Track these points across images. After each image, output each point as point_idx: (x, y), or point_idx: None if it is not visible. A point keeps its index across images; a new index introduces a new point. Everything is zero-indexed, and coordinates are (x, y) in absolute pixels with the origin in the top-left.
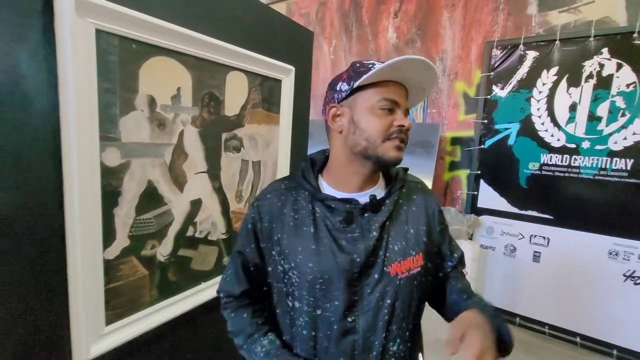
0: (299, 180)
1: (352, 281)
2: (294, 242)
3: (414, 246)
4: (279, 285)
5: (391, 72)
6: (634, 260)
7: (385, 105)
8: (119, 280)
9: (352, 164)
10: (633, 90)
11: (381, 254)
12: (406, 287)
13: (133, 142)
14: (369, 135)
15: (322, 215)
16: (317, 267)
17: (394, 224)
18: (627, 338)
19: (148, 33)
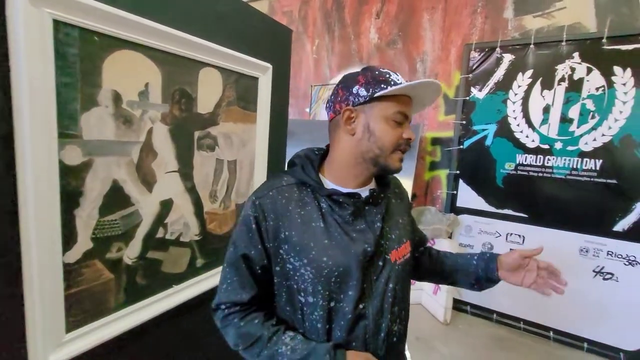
0: (300, 176)
1: (364, 269)
2: (305, 238)
3: (404, 234)
4: (289, 283)
5: (410, 89)
6: (603, 256)
7: (399, 119)
8: (80, 285)
9: (359, 166)
10: (602, 93)
11: (382, 243)
12: (402, 271)
13: (96, 139)
14: (383, 144)
15: (328, 209)
16: (332, 261)
17: (388, 215)
18: (597, 331)
19: (112, 25)
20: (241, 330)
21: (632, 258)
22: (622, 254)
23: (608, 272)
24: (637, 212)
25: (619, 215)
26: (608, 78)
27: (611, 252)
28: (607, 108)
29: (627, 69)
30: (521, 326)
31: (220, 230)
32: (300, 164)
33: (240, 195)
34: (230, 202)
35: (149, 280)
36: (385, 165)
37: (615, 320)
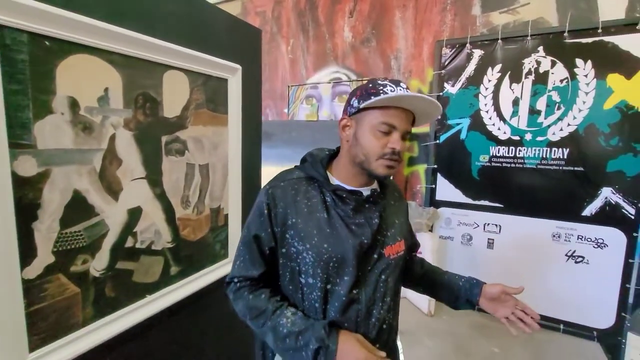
0: (310, 171)
1: (361, 259)
2: (309, 226)
3: (400, 233)
4: (292, 265)
5: (393, 101)
6: (574, 241)
7: (383, 129)
8: (43, 301)
9: (354, 168)
10: (566, 85)
11: (379, 238)
12: (396, 265)
13: (52, 148)
14: (367, 152)
15: (332, 203)
16: (332, 248)
17: (386, 214)
18: (572, 313)
19: (64, 29)
20: (249, 303)
21: (601, 241)
22: (591, 237)
23: (579, 256)
24: (603, 197)
25: (587, 200)
26: (571, 70)
27: (581, 236)
28: (571, 99)
29: (587, 61)
30: None
31: (195, 236)
32: (311, 161)
33: (214, 200)
34: (204, 207)
35: (119, 292)
36: (371, 171)
37: (588, 301)
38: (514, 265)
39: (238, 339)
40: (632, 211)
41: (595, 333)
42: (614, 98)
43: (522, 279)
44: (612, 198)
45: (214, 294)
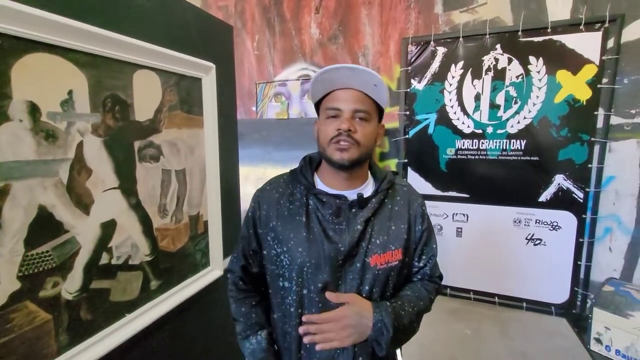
0: (297, 176)
1: (337, 267)
2: (287, 229)
3: (394, 242)
4: (272, 267)
5: (326, 85)
6: (533, 225)
7: (330, 113)
8: (9, 333)
9: (330, 168)
10: (521, 81)
11: (364, 246)
12: (383, 276)
13: (11, 160)
14: (322, 141)
15: (314, 207)
16: (306, 252)
17: (378, 219)
18: (532, 291)
19: (17, 25)
20: (235, 306)
21: (555, 224)
22: (547, 221)
23: (537, 238)
24: (556, 183)
25: (542, 187)
26: (525, 67)
27: (539, 220)
28: (526, 94)
29: (539, 59)
30: (471, 296)
31: (174, 247)
32: (301, 165)
33: (193, 207)
34: (182, 215)
35: (96, 314)
36: (329, 158)
37: (546, 279)
38: (481, 250)
39: (225, 349)
40: (581, 195)
41: (552, 308)
42: (563, 92)
43: (489, 263)
44: (563, 184)
45: (197, 305)
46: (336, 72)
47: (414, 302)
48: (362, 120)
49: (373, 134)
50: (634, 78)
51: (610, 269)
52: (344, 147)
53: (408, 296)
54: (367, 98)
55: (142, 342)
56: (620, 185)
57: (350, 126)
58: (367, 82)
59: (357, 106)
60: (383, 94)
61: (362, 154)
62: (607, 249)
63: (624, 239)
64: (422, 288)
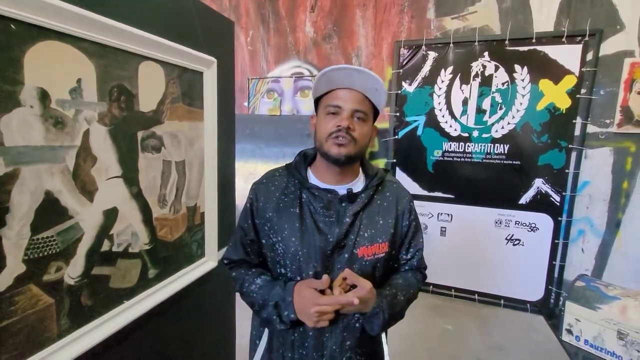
0: (291, 170)
1: (326, 256)
2: (282, 220)
3: (381, 235)
4: (272, 255)
5: (330, 82)
6: (512, 226)
7: (330, 110)
8: (13, 315)
9: (324, 163)
10: (507, 88)
11: (352, 238)
12: (369, 267)
13: (21, 145)
14: (320, 135)
15: (307, 200)
16: (298, 242)
17: (366, 214)
18: (510, 289)
19: (33, 12)
20: (233, 278)
21: (533, 225)
22: (526, 222)
23: (516, 239)
24: (535, 187)
25: (522, 190)
26: (511, 75)
27: (518, 221)
28: (510, 100)
29: (524, 67)
30: (452, 294)
31: (172, 237)
32: (296, 160)
33: (191, 198)
34: (180, 206)
35: (96, 300)
36: (325, 153)
37: (523, 278)
38: (463, 249)
39: (220, 337)
40: (558, 199)
41: (528, 305)
42: (545, 100)
43: (470, 262)
44: (542, 188)
45: (192, 294)
46: (343, 72)
47: (405, 290)
48: (360, 120)
49: (369, 133)
50: (609, 90)
51: (582, 269)
52: (342, 143)
53: (400, 284)
54: (366, 100)
55: (139, 329)
56: (593, 190)
57: (349, 124)
58: (369, 85)
59: (357, 106)
60: (382, 98)
61: (357, 151)
62: (579, 249)
63: (595, 240)
64: (412, 277)
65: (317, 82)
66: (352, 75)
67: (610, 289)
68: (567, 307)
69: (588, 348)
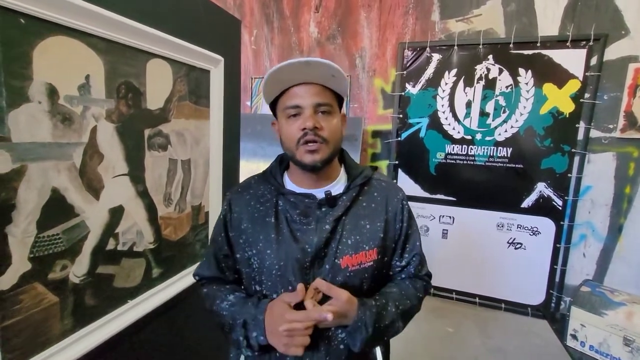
0: (267, 176)
1: (304, 269)
2: (257, 231)
3: (368, 241)
4: (247, 271)
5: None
6: (514, 229)
7: (290, 112)
8: (18, 314)
9: (298, 168)
10: (510, 91)
11: (333, 247)
12: (356, 278)
13: (29, 142)
14: (287, 144)
15: (283, 208)
16: (274, 254)
17: (350, 219)
18: (511, 292)
19: (42, 7)
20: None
21: (535, 229)
22: (528, 226)
23: (518, 242)
24: (538, 191)
25: (525, 194)
26: (515, 78)
27: (520, 225)
28: (514, 104)
29: (528, 71)
30: (453, 296)
31: (176, 236)
32: (272, 165)
33: (195, 197)
34: (185, 205)
35: (100, 299)
36: (299, 162)
37: (524, 282)
38: (465, 252)
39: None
40: (560, 203)
41: (529, 309)
42: (548, 104)
43: (471, 264)
44: (545, 192)
45: (195, 294)
46: (291, 68)
47: (400, 301)
48: (326, 114)
49: (339, 126)
50: (613, 95)
51: (584, 274)
52: (314, 149)
53: (393, 294)
54: (326, 90)
55: (142, 329)
56: (596, 194)
57: (315, 123)
58: (324, 74)
59: (318, 100)
60: (343, 83)
61: (332, 151)
62: (581, 254)
63: (597, 245)
64: (410, 285)
65: (265, 86)
66: (302, 69)
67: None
68: (572, 312)
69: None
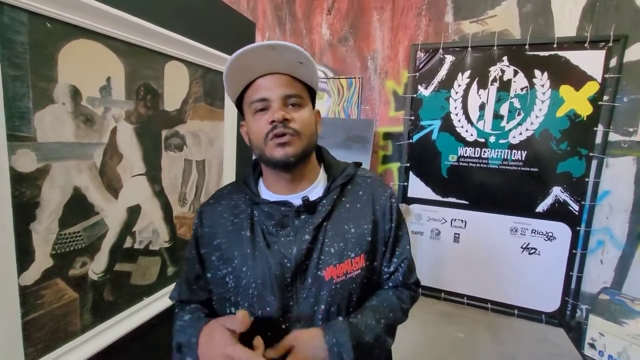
0: (240, 185)
1: (285, 286)
2: (232, 246)
3: (354, 247)
4: (220, 291)
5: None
6: (528, 234)
7: (257, 107)
8: (40, 309)
9: (268, 169)
10: (526, 93)
11: (315, 257)
12: (343, 291)
13: (53, 142)
14: (255, 142)
15: (259, 219)
16: (250, 272)
17: (332, 224)
18: (525, 299)
19: (67, 11)
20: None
21: (550, 234)
22: (543, 231)
23: (532, 248)
24: (553, 195)
25: (540, 198)
26: (530, 80)
27: (535, 230)
28: (529, 106)
29: (544, 73)
30: (465, 301)
31: (191, 236)
32: (245, 173)
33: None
34: (199, 205)
35: (118, 296)
36: (269, 159)
37: (538, 288)
38: (477, 257)
39: None
40: (576, 208)
41: (543, 316)
42: (565, 107)
43: (484, 269)
44: (560, 196)
45: None
46: (253, 54)
47: (381, 314)
48: (296, 107)
49: (311, 120)
50: (633, 97)
51: (601, 281)
52: (285, 142)
53: (373, 307)
54: (295, 81)
55: (158, 326)
56: (614, 200)
57: (285, 114)
58: (291, 61)
59: (287, 91)
60: (312, 72)
61: (306, 145)
62: (598, 261)
63: (615, 252)
64: (392, 296)
65: (228, 77)
66: (267, 55)
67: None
68: (590, 321)
69: None
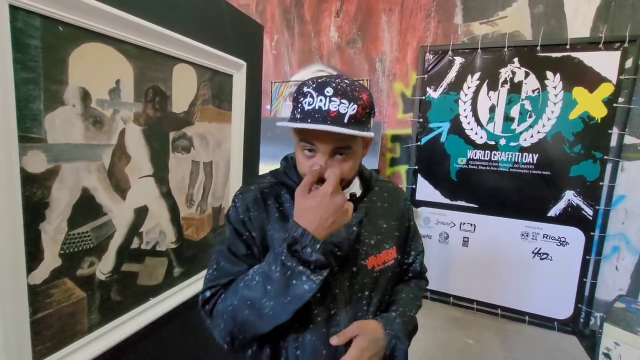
0: (281, 177)
1: (332, 274)
2: (281, 232)
3: (387, 240)
4: None
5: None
6: (540, 239)
7: (305, 147)
8: (48, 308)
9: None
10: (537, 95)
11: (358, 248)
12: (382, 279)
13: (62, 143)
14: (300, 169)
15: None
16: None
17: (369, 219)
18: (536, 305)
19: (78, 15)
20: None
21: (563, 239)
22: (555, 236)
23: (544, 253)
24: (566, 199)
25: (552, 202)
26: (542, 82)
27: (546, 234)
28: (541, 108)
29: (557, 74)
30: (474, 306)
31: (197, 237)
32: (284, 166)
33: (216, 199)
34: (206, 206)
35: (124, 296)
36: None
37: (550, 294)
38: (486, 262)
39: None
40: (590, 212)
41: (555, 323)
42: (578, 109)
43: (494, 274)
44: (573, 200)
45: None
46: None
47: (412, 305)
48: (343, 155)
49: (357, 163)
50: None
51: (616, 288)
52: None
53: (404, 299)
54: None
55: (164, 326)
56: (630, 204)
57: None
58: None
59: (335, 144)
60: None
61: (346, 184)
62: (613, 267)
63: (631, 258)
64: (415, 287)
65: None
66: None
67: None
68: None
69: None
